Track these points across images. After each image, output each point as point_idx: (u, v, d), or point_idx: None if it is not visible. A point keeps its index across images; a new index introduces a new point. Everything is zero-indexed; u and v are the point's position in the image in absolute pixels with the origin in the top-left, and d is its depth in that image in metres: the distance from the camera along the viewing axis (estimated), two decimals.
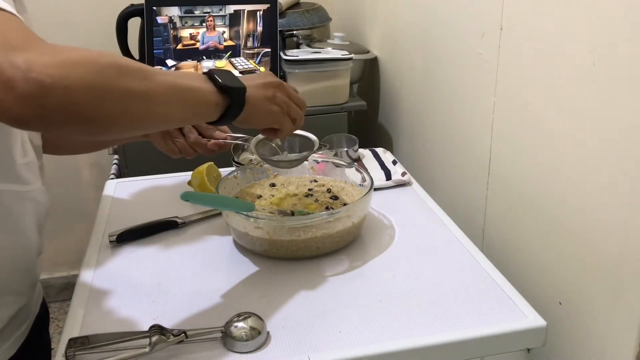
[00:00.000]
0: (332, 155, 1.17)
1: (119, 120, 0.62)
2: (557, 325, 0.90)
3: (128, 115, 0.62)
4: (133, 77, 0.61)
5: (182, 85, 0.67)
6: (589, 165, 0.81)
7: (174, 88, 0.66)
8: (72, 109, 0.57)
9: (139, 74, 0.62)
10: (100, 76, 0.58)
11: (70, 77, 0.56)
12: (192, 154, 0.98)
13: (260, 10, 1.57)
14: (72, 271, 2.22)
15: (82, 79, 0.57)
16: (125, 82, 0.60)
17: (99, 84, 0.58)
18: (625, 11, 0.71)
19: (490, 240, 1.12)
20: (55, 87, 0.55)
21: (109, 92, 0.59)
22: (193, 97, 0.69)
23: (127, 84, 0.61)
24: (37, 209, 0.84)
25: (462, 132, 1.20)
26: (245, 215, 0.86)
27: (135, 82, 0.61)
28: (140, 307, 0.79)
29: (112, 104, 0.60)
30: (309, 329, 0.73)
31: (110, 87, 0.59)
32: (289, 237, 0.86)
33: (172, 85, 0.66)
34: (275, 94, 0.78)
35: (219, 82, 0.70)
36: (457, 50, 1.18)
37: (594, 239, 0.81)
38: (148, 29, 1.62)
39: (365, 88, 1.83)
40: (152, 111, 0.65)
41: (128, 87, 0.61)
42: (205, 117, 0.72)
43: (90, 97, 0.58)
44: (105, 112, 0.60)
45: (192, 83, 0.69)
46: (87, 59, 0.58)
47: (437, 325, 0.73)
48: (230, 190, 1.00)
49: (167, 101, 0.66)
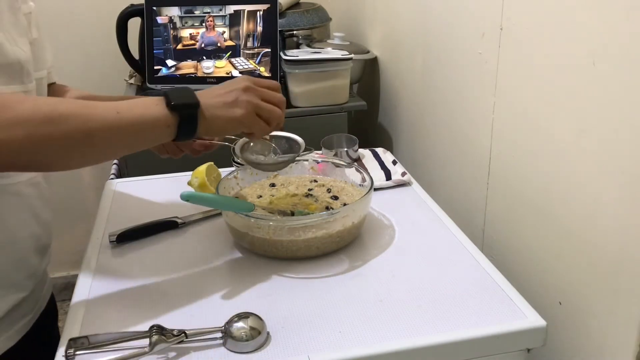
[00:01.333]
0: (332, 155, 1.18)
1: (59, 163, 0.69)
2: (557, 325, 0.90)
3: (67, 158, 0.69)
4: (70, 125, 0.66)
5: (125, 120, 0.70)
6: (589, 165, 0.81)
7: (116, 125, 0.69)
8: (8, 161, 0.65)
9: (77, 119, 0.67)
10: (37, 131, 0.64)
11: (7, 140, 0.63)
12: (178, 154, 0.99)
13: (260, 10, 1.57)
14: (72, 271, 2.22)
15: (18, 141, 0.63)
16: (62, 131, 0.65)
17: (35, 139, 0.64)
18: (625, 11, 0.71)
19: (490, 240, 1.12)
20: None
21: (45, 144, 0.65)
22: (138, 128, 0.72)
23: (64, 132, 0.66)
24: (25, 202, 0.84)
25: (462, 132, 1.20)
26: (245, 215, 0.86)
27: (72, 130, 0.66)
28: (140, 307, 0.79)
29: (49, 153, 0.66)
30: (309, 329, 0.73)
31: (47, 139, 0.65)
32: (289, 237, 0.86)
33: (113, 124, 0.69)
34: (239, 98, 0.77)
35: (169, 102, 0.72)
36: (457, 50, 1.18)
37: (594, 239, 0.81)
38: (148, 29, 1.62)
39: (365, 88, 1.83)
40: (93, 151, 0.70)
41: (65, 135, 0.66)
42: (158, 139, 0.75)
43: (26, 151, 0.65)
44: (43, 159, 0.67)
45: (138, 113, 0.71)
46: (25, 117, 0.64)
47: (437, 325, 0.73)
48: (230, 190, 1.00)
49: (109, 139, 0.70)
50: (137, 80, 1.74)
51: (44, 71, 0.88)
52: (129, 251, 0.93)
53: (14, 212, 0.83)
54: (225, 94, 0.78)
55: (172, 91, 0.74)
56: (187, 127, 0.74)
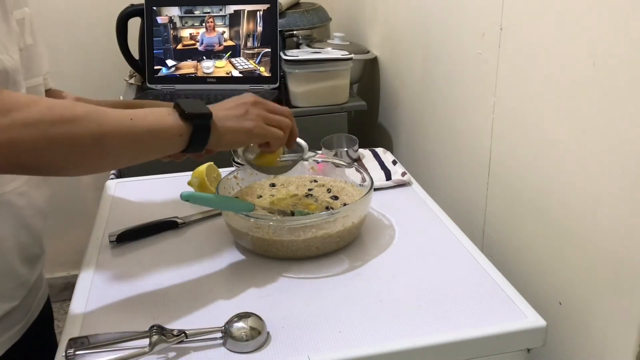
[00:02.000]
0: (332, 155, 1.18)
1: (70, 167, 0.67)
2: (557, 325, 0.90)
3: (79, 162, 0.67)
4: (84, 127, 0.65)
5: (138, 127, 0.69)
6: (589, 165, 0.81)
7: (130, 132, 0.69)
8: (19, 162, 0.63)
9: (92, 123, 0.65)
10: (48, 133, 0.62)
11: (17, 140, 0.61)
12: (180, 157, 0.98)
13: (260, 10, 1.57)
14: (72, 271, 2.22)
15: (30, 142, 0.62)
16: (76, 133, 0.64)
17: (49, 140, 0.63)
18: (625, 11, 0.71)
19: (490, 240, 1.12)
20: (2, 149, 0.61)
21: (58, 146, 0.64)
22: (150, 136, 0.71)
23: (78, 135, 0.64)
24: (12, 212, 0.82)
25: (462, 132, 1.20)
26: (245, 215, 0.86)
27: (84, 133, 0.65)
28: (140, 307, 0.79)
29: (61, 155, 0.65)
30: (309, 329, 0.73)
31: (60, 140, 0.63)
32: (289, 237, 0.86)
33: (127, 130, 0.68)
34: (249, 110, 0.78)
35: (182, 111, 0.72)
36: (457, 50, 1.18)
37: (594, 239, 0.81)
38: (148, 29, 1.62)
39: (365, 88, 1.83)
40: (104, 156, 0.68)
41: (79, 136, 0.64)
42: (169, 149, 0.74)
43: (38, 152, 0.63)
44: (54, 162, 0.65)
45: (151, 122, 0.71)
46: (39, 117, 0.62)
47: (437, 325, 0.73)
48: (230, 190, 1.00)
49: (121, 145, 0.69)
50: (137, 80, 1.74)
51: (39, 78, 0.87)
52: (129, 251, 0.93)
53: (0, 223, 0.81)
54: (235, 107, 0.78)
55: (184, 101, 0.74)
56: (199, 137, 0.74)
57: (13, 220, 0.83)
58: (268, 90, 1.57)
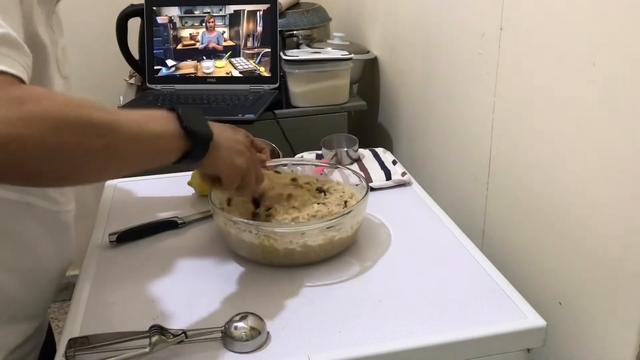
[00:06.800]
0: (332, 156, 1.17)
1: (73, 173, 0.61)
2: (557, 325, 0.90)
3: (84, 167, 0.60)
4: (94, 134, 0.59)
5: (145, 135, 0.65)
6: (588, 165, 0.81)
7: (136, 140, 0.64)
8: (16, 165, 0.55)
9: (102, 129, 0.60)
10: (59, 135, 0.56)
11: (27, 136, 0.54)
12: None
13: (260, 10, 1.57)
14: (72, 271, 2.22)
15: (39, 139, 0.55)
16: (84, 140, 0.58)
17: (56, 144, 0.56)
18: (625, 11, 0.71)
19: (490, 240, 1.12)
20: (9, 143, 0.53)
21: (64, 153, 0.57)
22: (154, 145, 0.66)
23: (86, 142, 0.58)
24: (68, 232, 0.84)
25: (462, 132, 1.20)
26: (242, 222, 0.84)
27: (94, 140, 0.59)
28: (140, 307, 0.79)
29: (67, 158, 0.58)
30: (309, 329, 0.73)
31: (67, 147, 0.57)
32: (283, 247, 0.84)
33: (134, 138, 0.63)
34: (245, 152, 0.77)
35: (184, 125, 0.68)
36: (457, 50, 1.18)
37: (594, 239, 0.81)
38: (148, 29, 1.62)
39: (365, 88, 1.83)
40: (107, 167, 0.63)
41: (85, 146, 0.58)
42: (163, 161, 0.68)
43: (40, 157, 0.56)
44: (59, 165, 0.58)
45: (156, 128, 0.66)
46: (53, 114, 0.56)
47: (437, 325, 0.73)
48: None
49: (125, 155, 0.63)
50: (137, 80, 1.74)
51: None
52: (129, 251, 0.93)
53: (56, 239, 0.81)
54: (235, 141, 0.77)
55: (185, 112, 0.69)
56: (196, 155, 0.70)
57: (66, 240, 0.85)
58: (268, 90, 1.57)
